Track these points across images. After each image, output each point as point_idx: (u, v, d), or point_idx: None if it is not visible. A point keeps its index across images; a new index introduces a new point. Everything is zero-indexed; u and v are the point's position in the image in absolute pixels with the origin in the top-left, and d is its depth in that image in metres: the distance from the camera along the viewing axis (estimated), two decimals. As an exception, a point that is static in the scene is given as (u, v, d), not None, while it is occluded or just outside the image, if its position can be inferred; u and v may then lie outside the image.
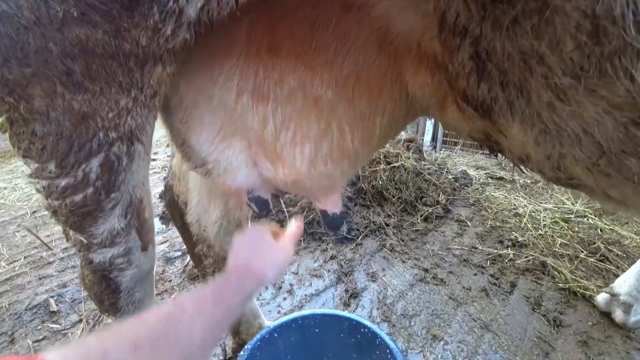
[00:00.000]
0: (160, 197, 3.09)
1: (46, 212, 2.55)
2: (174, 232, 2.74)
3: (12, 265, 2.49)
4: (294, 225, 0.92)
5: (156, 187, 3.18)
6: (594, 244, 2.34)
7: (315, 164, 0.71)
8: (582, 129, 0.47)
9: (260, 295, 2.01)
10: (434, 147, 4.40)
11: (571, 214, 2.77)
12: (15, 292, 2.19)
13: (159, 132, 0.78)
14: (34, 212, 3.34)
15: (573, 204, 2.92)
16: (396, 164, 2.93)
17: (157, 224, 2.86)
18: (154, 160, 4.60)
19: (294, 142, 0.69)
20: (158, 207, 3.07)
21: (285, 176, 0.72)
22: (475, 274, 2.17)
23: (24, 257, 2.58)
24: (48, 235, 2.88)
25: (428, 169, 3.18)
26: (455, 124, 0.67)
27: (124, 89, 0.52)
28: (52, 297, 2.12)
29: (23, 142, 0.60)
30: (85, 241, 0.70)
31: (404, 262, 2.30)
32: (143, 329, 0.53)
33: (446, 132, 4.36)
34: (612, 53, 0.38)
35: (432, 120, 4.46)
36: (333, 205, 0.82)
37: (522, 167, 0.68)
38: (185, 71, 0.67)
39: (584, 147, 0.49)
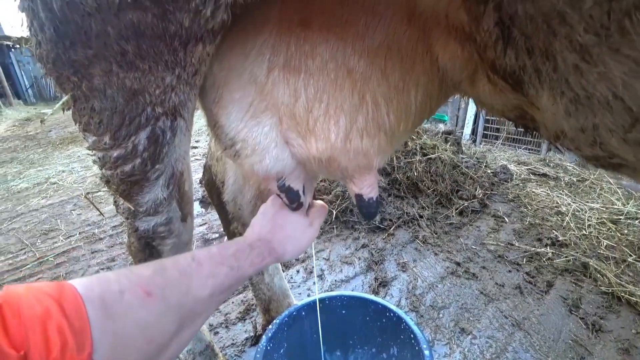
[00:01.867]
0: (201, 182, 3.24)
1: (98, 193, 2.78)
2: (212, 216, 2.87)
3: (68, 239, 2.74)
4: (319, 204, 0.94)
5: (197, 173, 3.34)
6: (645, 248, 2.20)
7: (351, 138, 0.69)
8: (611, 93, 0.45)
9: (292, 278, 2.08)
10: (474, 141, 4.27)
11: (621, 215, 2.60)
12: (71, 263, 2.41)
13: (201, 121, 0.82)
14: (88, 193, 3.62)
15: (624, 204, 2.73)
16: (432, 156, 2.89)
17: (197, 207, 3.01)
18: (195, 147, 4.82)
19: (327, 115, 0.67)
20: (198, 191, 3.23)
21: (319, 152, 0.70)
22: (509, 271, 2.12)
23: (79, 233, 2.83)
24: (100, 214, 3.12)
25: (466, 162, 3.10)
26: (488, 99, 0.65)
27: (169, 67, 0.58)
28: (102, 269, 2.31)
29: (84, 117, 0.68)
30: (132, 209, 0.78)
31: (436, 254, 2.28)
32: (159, 278, 0.57)
33: (487, 126, 4.22)
34: (629, 8, 0.37)
35: (473, 114, 4.33)
36: (369, 188, 0.78)
37: (559, 146, 0.66)
38: (218, 51, 0.68)
39: (615, 114, 0.47)
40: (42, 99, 13.02)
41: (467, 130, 4.22)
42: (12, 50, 13.51)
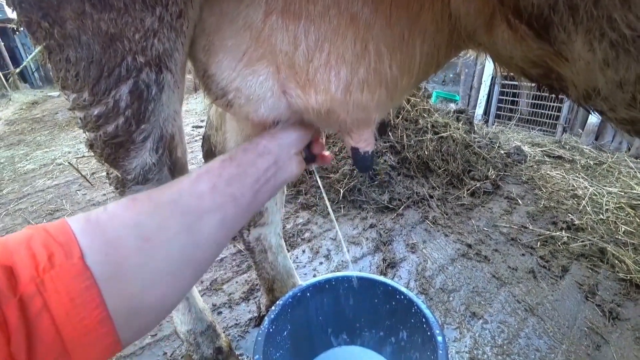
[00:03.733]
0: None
1: (104, 173, 2.73)
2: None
3: (73, 219, 2.73)
4: None
5: (201, 152, 3.29)
6: (665, 235, 2.11)
7: (351, 91, 0.64)
8: None
9: (297, 258, 2.04)
10: (486, 122, 4.14)
11: (640, 200, 2.50)
12: (75, 242, 2.38)
13: (207, 100, 0.76)
14: (93, 173, 3.62)
15: (644, 189, 2.62)
16: (444, 134, 2.78)
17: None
18: (200, 127, 4.77)
19: (328, 65, 0.62)
20: (203, 171, 3.18)
21: (318, 104, 0.65)
22: (523, 254, 2.04)
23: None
24: (104, 194, 3.12)
25: (478, 142, 2.99)
26: (506, 50, 0.57)
27: (148, 6, 0.50)
28: (106, 248, 2.29)
29: (60, 72, 0.61)
30: (120, 177, 0.71)
31: (446, 235, 2.21)
32: (145, 191, 0.55)
33: (499, 106, 4.07)
34: None
35: (485, 93, 4.19)
36: (365, 143, 0.76)
37: (589, 109, 0.57)
38: None
39: None
40: (48, 82, 13.02)
41: (480, 110, 4.09)
42: (17, 33, 13.46)
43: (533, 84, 0.64)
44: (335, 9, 0.59)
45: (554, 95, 0.65)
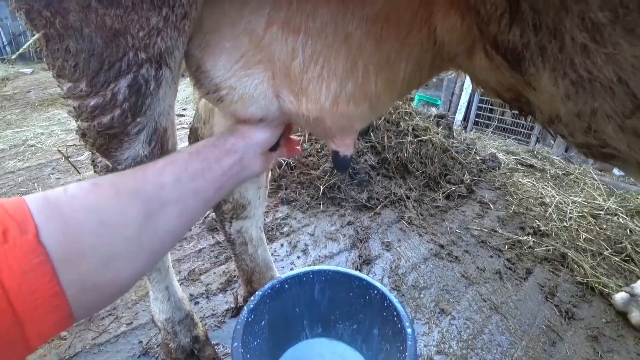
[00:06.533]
0: (187, 151, 3.16)
1: (79, 158, 2.67)
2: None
3: (46, 203, 2.65)
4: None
5: (183, 142, 3.25)
6: (621, 243, 2.25)
7: (339, 102, 0.70)
8: (616, 77, 0.44)
9: (275, 251, 2.07)
10: (465, 128, 4.28)
11: (601, 210, 2.65)
12: (48, 226, 2.32)
13: (189, 89, 0.79)
14: (69, 156, 3.50)
15: (605, 200, 2.78)
16: (424, 138, 2.86)
17: (182, 177, 2.94)
18: (182, 116, 4.69)
19: (321, 78, 0.68)
20: (183, 161, 3.14)
21: (308, 111, 0.71)
22: (491, 256, 2.14)
23: (57, 197, 2.74)
24: (80, 180, 3.03)
25: (456, 147, 3.09)
26: (483, 75, 0.64)
27: (155, 6, 0.52)
28: (81, 234, 2.24)
29: (57, 60, 0.62)
30: (110, 166, 0.73)
31: (420, 235, 2.29)
32: (110, 175, 0.56)
33: (479, 113, 4.21)
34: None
35: (466, 100, 4.32)
36: (346, 148, 0.84)
37: (552, 131, 0.65)
38: None
39: (616, 100, 0.46)
40: (21, 57, 12.39)
41: (459, 116, 4.22)
42: (-11, 3, 12.72)
43: (506, 104, 0.71)
44: (332, 27, 0.64)
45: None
